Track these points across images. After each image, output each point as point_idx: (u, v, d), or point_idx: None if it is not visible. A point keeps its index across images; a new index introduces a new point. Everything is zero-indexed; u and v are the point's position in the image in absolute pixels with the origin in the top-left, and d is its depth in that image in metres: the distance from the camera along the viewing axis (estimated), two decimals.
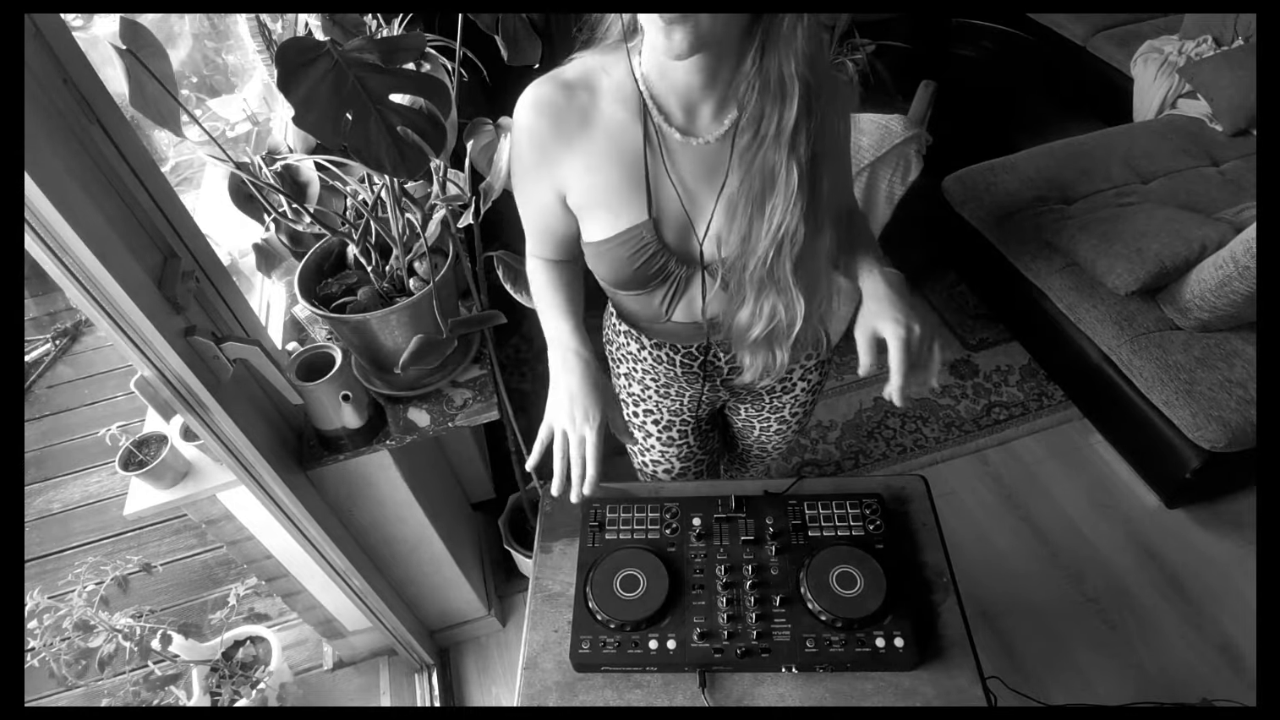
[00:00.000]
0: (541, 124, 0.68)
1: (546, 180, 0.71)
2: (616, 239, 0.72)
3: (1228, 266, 1.43)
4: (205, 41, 1.24)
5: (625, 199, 0.70)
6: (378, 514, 1.12)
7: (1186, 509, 1.63)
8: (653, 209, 0.70)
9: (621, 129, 0.68)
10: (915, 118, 1.65)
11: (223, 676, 1.23)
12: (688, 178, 0.70)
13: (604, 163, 0.69)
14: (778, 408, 1.02)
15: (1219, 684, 1.37)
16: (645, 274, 0.74)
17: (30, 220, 0.61)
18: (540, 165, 0.70)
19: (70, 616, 0.99)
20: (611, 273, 0.75)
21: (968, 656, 0.73)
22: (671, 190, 0.70)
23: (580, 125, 0.68)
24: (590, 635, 0.72)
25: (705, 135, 0.69)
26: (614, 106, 0.68)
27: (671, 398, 0.97)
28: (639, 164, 0.69)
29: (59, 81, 0.69)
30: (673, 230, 0.72)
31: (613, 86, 0.68)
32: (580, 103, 0.68)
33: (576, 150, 0.69)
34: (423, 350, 0.89)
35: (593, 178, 0.70)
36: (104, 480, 1.85)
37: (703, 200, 0.71)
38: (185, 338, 0.76)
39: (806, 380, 0.99)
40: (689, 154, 0.69)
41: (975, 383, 1.92)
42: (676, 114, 0.68)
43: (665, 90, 0.67)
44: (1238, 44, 2.07)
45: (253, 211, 0.86)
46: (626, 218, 0.71)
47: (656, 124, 0.68)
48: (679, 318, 0.81)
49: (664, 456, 1.04)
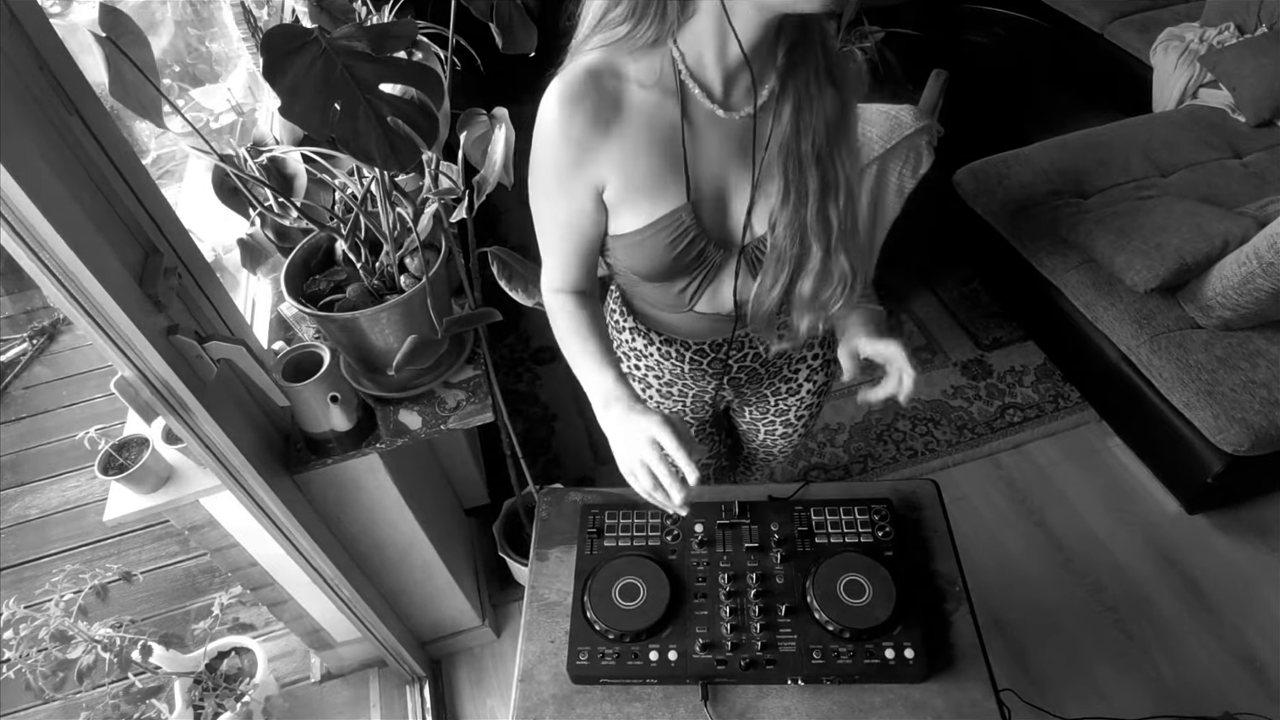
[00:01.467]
0: (576, 116, 0.64)
1: (585, 177, 0.67)
2: (655, 225, 0.69)
3: (1251, 263, 1.39)
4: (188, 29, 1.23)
5: (664, 183, 0.68)
6: (367, 520, 1.10)
7: (1208, 514, 1.59)
8: (691, 191, 0.68)
9: (656, 109, 0.65)
10: (926, 108, 1.61)
11: (206, 689, 1.21)
12: (722, 156, 0.69)
13: (642, 147, 0.66)
14: (782, 410, 1.00)
15: (1242, 696, 1.33)
16: (683, 261, 0.71)
17: (5, 214, 0.60)
18: (578, 161, 0.66)
19: (47, 627, 0.98)
20: (648, 262, 0.72)
21: (980, 668, 0.71)
22: (707, 172, 0.69)
23: (615, 111, 0.64)
24: (588, 646, 0.71)
25: (741, 109, 0.67)
26: (644, 89, 0.65)
27: (674, 398, 0.95)
28: (676, 145, 0.66)
29: (36, 69, 0.68)
30: (710, 212, 0.71)
31: (639, 72, 0.65)
32: (610, 87, 0.64)
33: (614, 137, 0.65)
34: (417, 350, 0.87)
35: (633, 164, 0.66)
36: (83, 485, 1.82)
37: (738, 180, 0.70)
38: (167, 337, 0.75)
39: (811, 381, 0.97)
40: (723, 130, 0.68)
41: (989, 383, 1.89)
42: (716, 88, 0.66)
43: (709, 64, 0.65)
44: (1261, 31, 2.04)
45: (237, 205, 0.85)
46: (665, 203, 0.68)
47: (695, 100, 0.66)
48: (702, 308, 0.78)
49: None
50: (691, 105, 0.66)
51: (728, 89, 0.66)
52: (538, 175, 0.69)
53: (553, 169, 0.67)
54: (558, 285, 0.77)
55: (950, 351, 1.97)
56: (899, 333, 0.88)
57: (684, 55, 0.64)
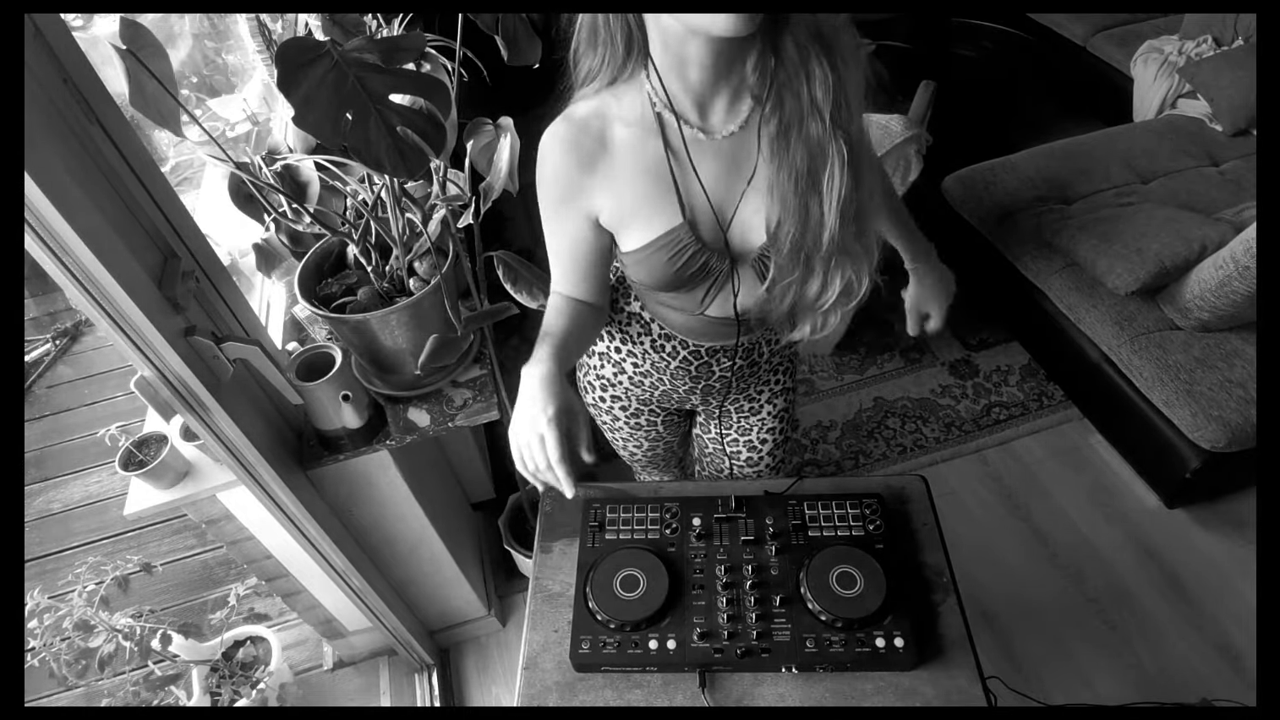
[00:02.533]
0: (563, 158, 0.71)
1: (576, 210, 0.73)
2: (654, 244, 0.73)
3: (1228, 266, 1.42)
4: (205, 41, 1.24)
5: (657, 207, 0.72)
6: (378, 514, 1.11)
7: (1186, 509, 1.63)
8: (685, 211, 0.72)
9: (640, 143, 0.70)
10: (915, 117, 1.65)
11: (223, 676, 1.23)
12: (713, 175, 0.71)
13: (629, 179, 0.71)
14: (745, 429, 1.02)
15: (1219, 684, 1.37)
16: (686, 274, 0.75)
17: (30, 220, 0.61)
18: (568, 198, 0.72)
19: (70, 616, 0.99)
20: (653, 277, 0.76)
21: (968, 656, 0.73)
22: (700, 189, 0.72)
23: (600, 149, 0.70)
24: (590, 635, 0.72)
25: (722, 130, 0.70)
26: (628, 126, 0.70)
27: (644, 388, 0.96)
28: (664, 171, 0.70)
29: (59, 81, 0.70)
30: (708, 227, 0.74)
31: (622, 109, 0.70)
32: (595, 129, 0.70)
33: (600, 173, 0.71)
34: (439, 350, 0.89)
35: (623, 193, 0.72)
36: (104, 480, 1.85)
37: (732, 193, 0.73)
38: (185, 338, 0.76)
39: (773, 404, 1.00)
40: (710, 151, 0.71)
41: (975, 383, 1.92)
42: (691, 115, 0.69)
43: (678, 94, 0.68)
44: (1238, 44, 2.07)
45: (253, 211, 0.86)
46: (660, 223, 0.72)
47: (673, 129, 0.69)
48: (714, 312, 0.81)
49: (633, 436, 1.06)
50: (671, 134, 0.69)
51: (703, 113, 0.69)
52: (540, 205, 0.75)
53: (548, 203, 0.74)
54: (559, 289, 0.82)
55: (938, 352, 2.00)
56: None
57: (655, 90, 0.68)
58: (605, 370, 0.97)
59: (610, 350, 0.94)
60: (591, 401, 1.03)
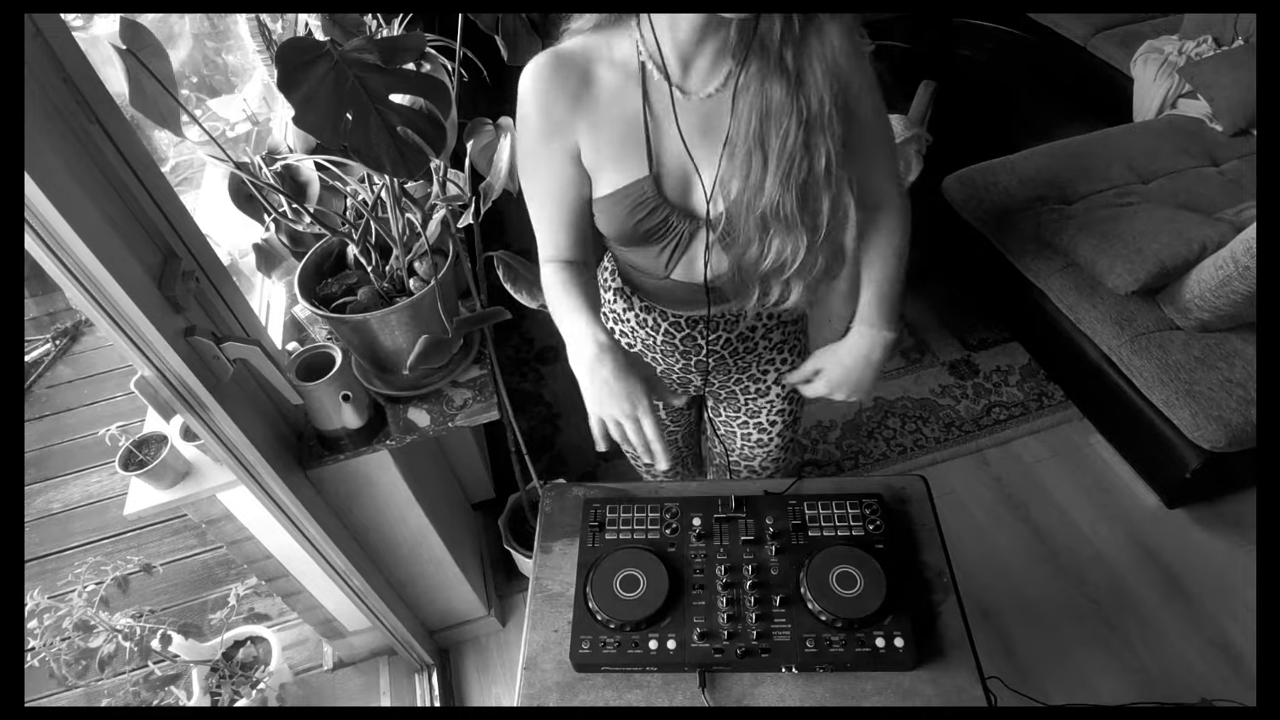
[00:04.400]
0: (545, 88, 0.70)
1: (559, 143, 0.72)
2: (618, 194, 0.73)
3: (1228, 266, 1.43)
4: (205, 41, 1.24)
5: (627, 156, 0.72)
6: (378, 514, 1.12)
7: (1186, 509, 1.63)
8: (653, 165, 0.72)
9: (620, 89, 0.70)
10: (915, 117, 1.65)
11: (223, 677, 1.23)
12: (689, 134, 0.71)
13: (606, 120, 0.71)
14: (754, 411, 1.02)
15: (1218, 684, 1.37)
16: (645, 228, 0.75)
17: (30, 220, 0.61)
18: (551, 130, 0.71)
19: (70, 616, 1.00)
20: (614, 227, 0.76)
21: (968, 656, 0.73)
22: (672, 147, 0.72)
23: (582, 85, 0.70)
24: (590, 635, 0.72)
25: (700, 91, 0.70)
26: (611, 71, 0.70)
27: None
28: (639, 122, 0.71)
29: (59, 81, 0.69)
30: (674, 186, 0.74)
31: (610, 54, 0.70)
32: (580, 65, 0.70)
33: (582, 107, 0.70)
34: (429, 351, 0.89)
35: (598, 134, 0.71)
36: (104, 480, 1.85)
37: (706, 156, 0.73)
38: (185, 338, 0.76)
39: (780, 385, 0.99)
40: (689, 111, 0.71)
41: (975, 383, 1.92)
42: (674, 70, 0.70)
43: (665, 46, 0.68)
44: (1238, 44, 2.07)
45: (253, 211, 0.86)
46: (627, 174, 0.73)
47: (655, 82, 0.70)
48: (679, 276, 0.81)
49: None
50: (651, 86, 0.70)
51: (686, 69, 0.69)
52: (521, 148, 0.74)
53: (531, 139, 0.72)
54: (548, 255, 0.80)
55: (939, 352, 2.00)
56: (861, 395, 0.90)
57: (643, 38, 0.69)
58: None
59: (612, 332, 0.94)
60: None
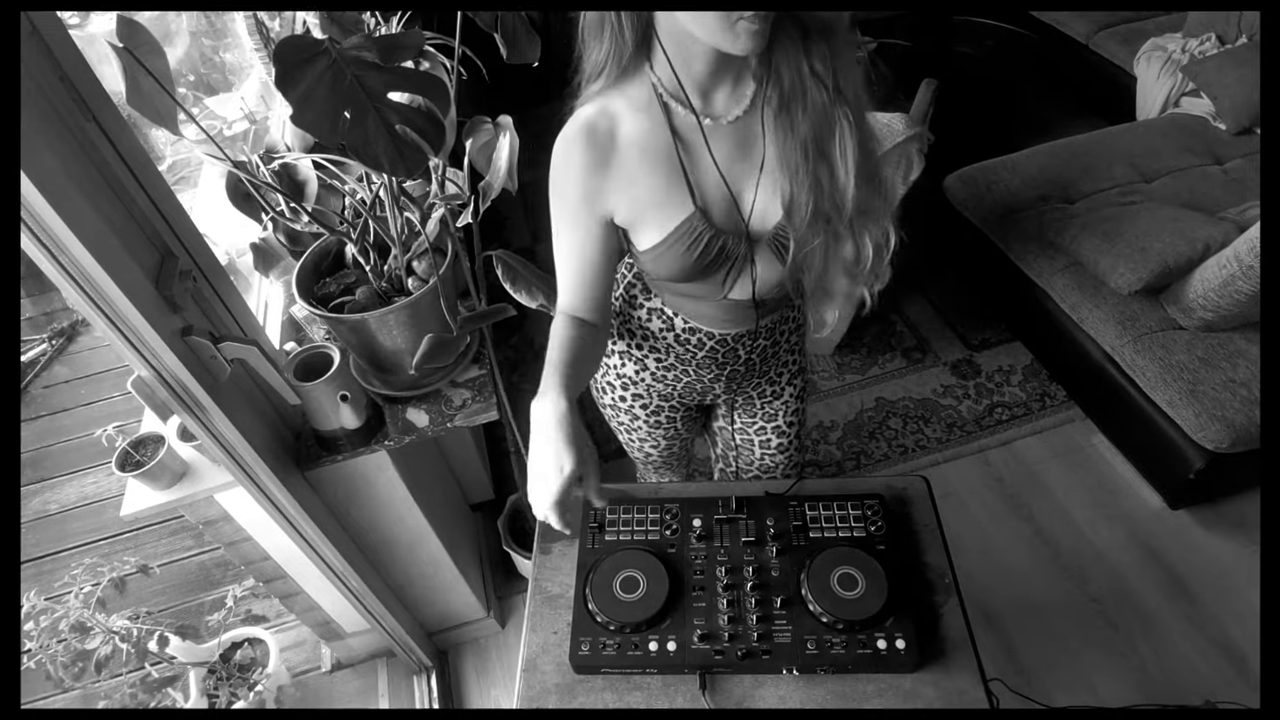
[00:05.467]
0: (577, 161, 0.72)
1: (592, 213, 0.74)
2: (671, 237, 0.74)
3: (1231, 266, 1.42)
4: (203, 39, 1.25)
5: (670, 197, 0.73)
6: (376, 515, 1.12)
7: (1190, 510, 1.62)
8: (697, 198, 0.73)
9: (649, 134, 0.71)
10: (917, 116, 1.64)
11: (220, 678, 1.23)
12: (723, 160, 0.72)
13: (641, 171, 0.72)
14: (770, 414, 1.03)
15: (1222, 685, 1.36)
16: (705, 261, 0.75)
17: (26, 219, 0.61)
18: (586, 201, 0.73)
19: (67, 618, 0.99)
20: (674, 270, 0.76)
21: (970, 658, 0.73)
22: (711, 176, 0.73)
23: (611, 146, 0.71)
24: (590, 637, 0.72)
25: (727, 115, 0.71)
26: (635, 118, 0.71)
27: (667, 382, 0.96)
28: (673, 161, 0.71)
29: (55, 79, 0.69)
30: (721, 213, 0.75)
31: (629, 104, 0.71)
32: (605, 128, 0.71)
33: (614, 169, 0.72)
34: (434, 350, 0.89)
35: (635, 189, 0.73)
36: (101, 481, 1.85)
37: (744, 177, 0.74)
38: (182, 338, 0.76)
39: (793, 385, 1.01)
40: (718, 136, 0.72)
41: (977, 383, 1.92)
42: (696, 102, 0.71)
43: (681, 82, 0.69)
44: (1241, 42, 2.07)
45: (250, 210, 0.86)
46: (674, 215, 0.73)
47: (680, 116, 0.71)
48: (736, 295, 0.82)
49: (650, 435, 1.06)
50: (677, 121, 0.71)
51: (707, 99, 0.71)
52: (554, 212, 0.76)
53: (565, 207, 0.75)
54: (563, 307, 0.80)
55: (940, 352, 2.00)
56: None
57: (660, 79, 0.70)
58: (626, 368, 0.96)
59: (631, 348, 0.94)
60: (610, 401, 1.03)
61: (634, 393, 0.99)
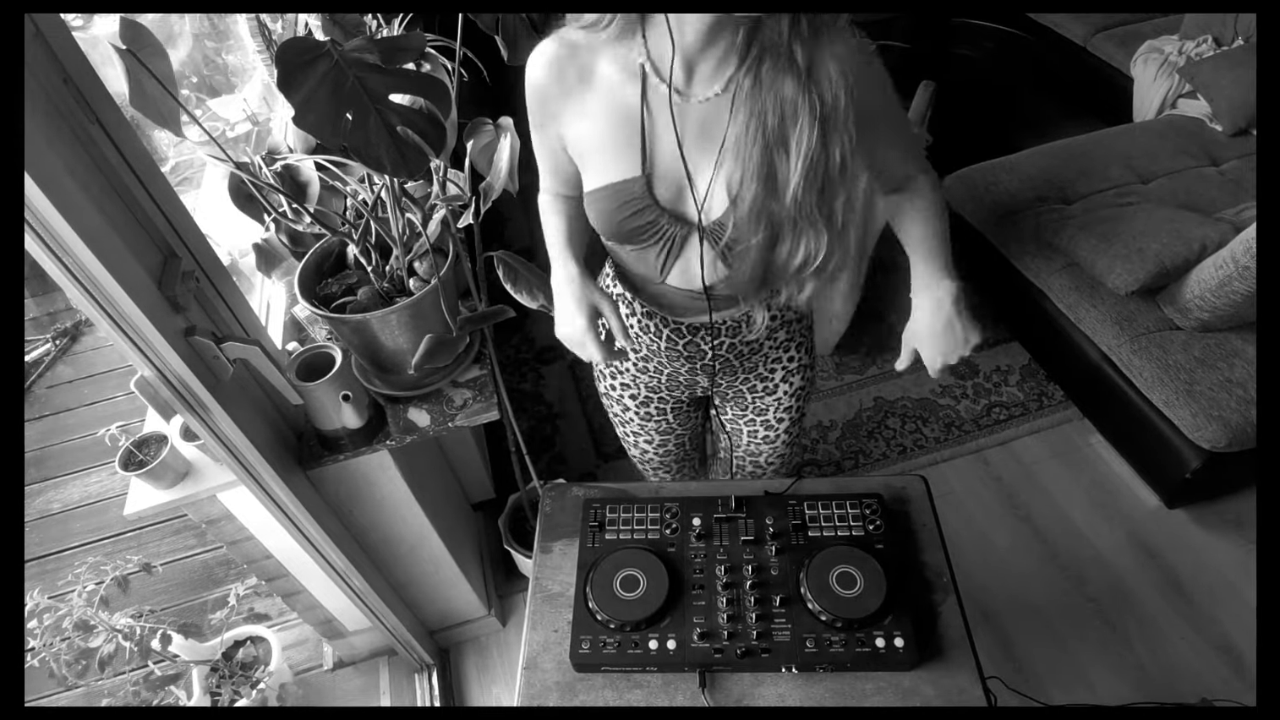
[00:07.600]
0: (544, 76, 0.72)
1: (549, 127, 0.76)
2: (607, 189, 0.74)
3: (1228, 266, 1.43)
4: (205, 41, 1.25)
5: (619, 153, 0.73)
6: (378, 514, 1.12)
7: (1187, 509, 1.63)
8: (646, 166, 0.73)
9: (618, 86, 0.71)
10: (915, 117, 1.65)
11: (223, 676, 1.23)
12: (686, 138, 0.72)
13: (598, 114, 0.72)
14: (760, 409, 1.02)
15: (1218, 684, 1.37)
16: (631, 227, 0.76)
17: (30, 220, 0.61)
18: (543, 113, 0.75)
19: (70, 616, 1.00)
20: (600, 222, 0.78)
21: (968, 656, 0.73)
22: (668, 150, 0.72)
23: (579, 79, 0.72)
24: (590, 635, 0.72)
25: (703, 93, 0.70)
26: (612, 67, 0.71)
27: (649, 373, 0.96)
28: (635, 121, 0.71)
29: (59, 81, 0.70)
30: (667, 188, 0.74)
31: (613, 50, 0.71)
32: (583, 59, 0.71)
33: (573, 101, 0.73)
34: (434, 350, 0.89)
35: (585, 126, 0.73)
36: (104, 480, 1.85)
37: (699, 162, 0.73)
38: (185, 338, 0.76)
39: (788, 383, 0.99)
40: (686, 115, 0.71)
41: (975, 383, 1.92)
42: (677, 73, 0.70)
43: (667, 54, 0.68)
44: (1238, 44, 2.08)
45: (253, 211, 0.86)
46: (618, 171, 0.74)
47: (654, 85, 0.71)
48: (675, 282, 0.81)
49: (643, 429, 1.06)
50: (650, 90, 0.71)
51: (689, 73, 0.70)
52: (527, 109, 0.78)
53: (530, 113, 0.77)
54: (545, 186, 0.85)
55: None
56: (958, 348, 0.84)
57: (650, 47, 0.69)
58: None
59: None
60: (603, 390, 1.04)
61: (621, 382, 1.00)
